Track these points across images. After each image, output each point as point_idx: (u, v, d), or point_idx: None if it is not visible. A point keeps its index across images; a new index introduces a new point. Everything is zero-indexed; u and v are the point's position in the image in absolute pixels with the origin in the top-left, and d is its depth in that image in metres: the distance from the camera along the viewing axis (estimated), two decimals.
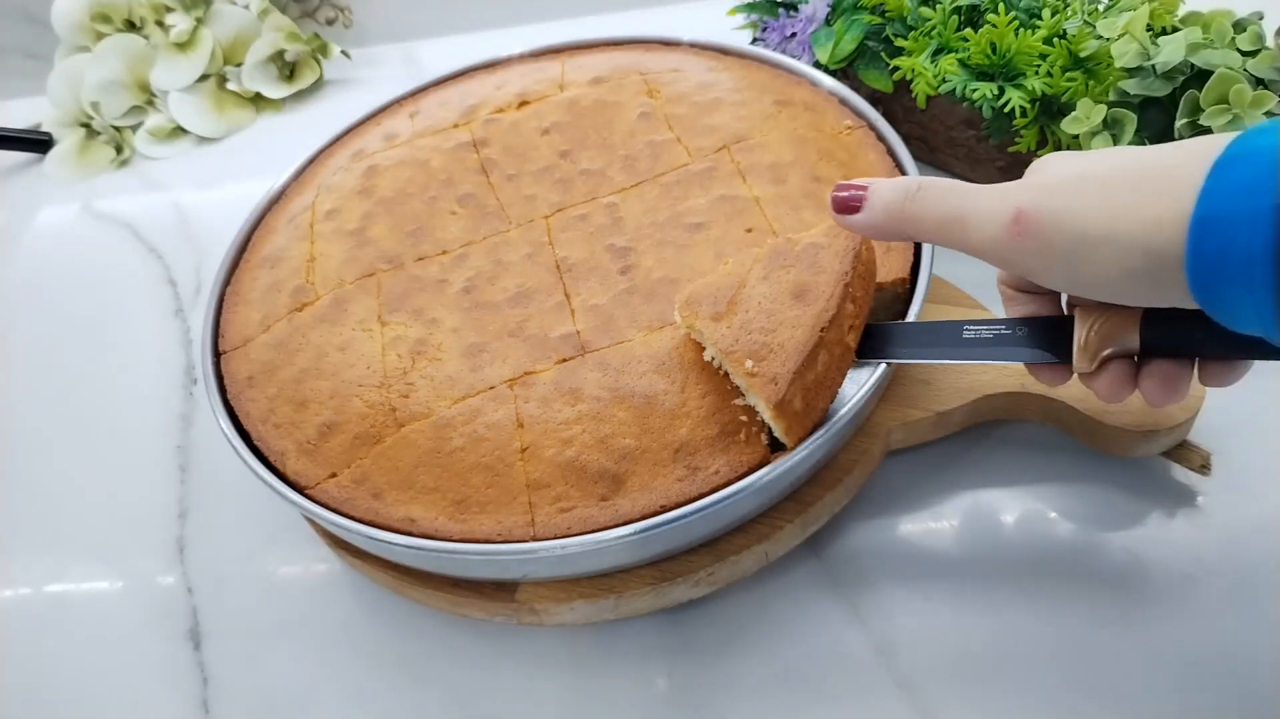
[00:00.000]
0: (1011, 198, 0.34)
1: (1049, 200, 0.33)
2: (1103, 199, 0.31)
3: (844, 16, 0.65)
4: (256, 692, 0.50)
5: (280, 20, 0.89)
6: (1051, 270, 0.33)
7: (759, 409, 0.42)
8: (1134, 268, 0.31)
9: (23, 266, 0.78)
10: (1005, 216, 0.33)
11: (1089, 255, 0.32)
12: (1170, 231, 0.29)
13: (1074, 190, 0.32)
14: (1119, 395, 0.37)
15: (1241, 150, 0.29)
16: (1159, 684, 0.43)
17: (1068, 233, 0.32)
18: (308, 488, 0.47)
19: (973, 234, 0.35)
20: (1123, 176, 0.31)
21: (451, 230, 0.55)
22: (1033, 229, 0.33)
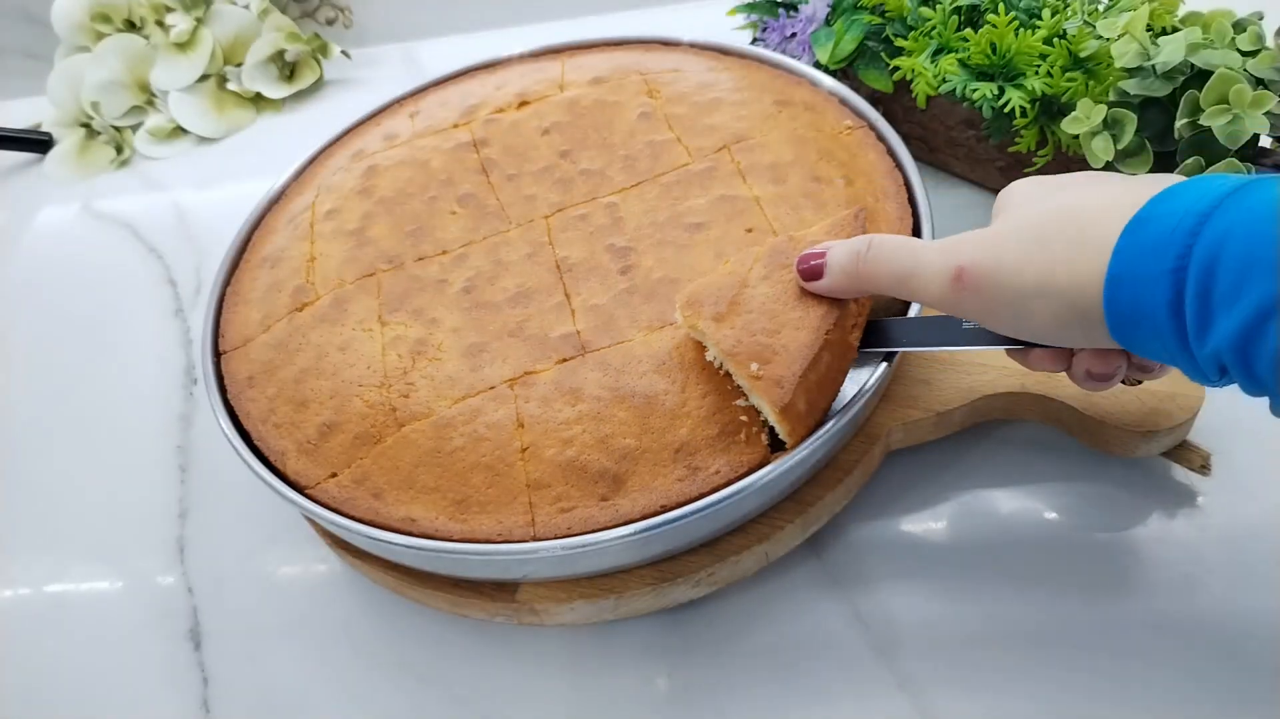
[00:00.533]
0: (953, 255, 0.36)
1: (987, 256, 0.35)
2: (1038, 255, 0.33)
3: (844, 16, 0.65)
4: (257, 692, 0.50)
5: (280, 20, 0.89)
6: (996, 320, 0.36)
7: (763, 411, 0.42)
8: (1067, 319, 0.33)
9: (23, 267, 0.78)
10: (947, 274, 0.36)
11: (1026, 307, 0.34)
12: (1094, 288, 0.32)
13: (1013, 244, 0.34)
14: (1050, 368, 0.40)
15: (1152, 212, 0.31)
16: (1159, 684, 0.43)
17: (1005, 288, 0.34)
18: (308, 488, 0.47)
19: (920, 291, 0.37)
20: (1060, 229, 0.33)
21: (452, 230, 0.55)
22: (972, 285, 0.35)
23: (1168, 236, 0.30)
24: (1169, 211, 0.30)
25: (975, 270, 0.35)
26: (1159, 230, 0.30)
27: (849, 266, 0.40)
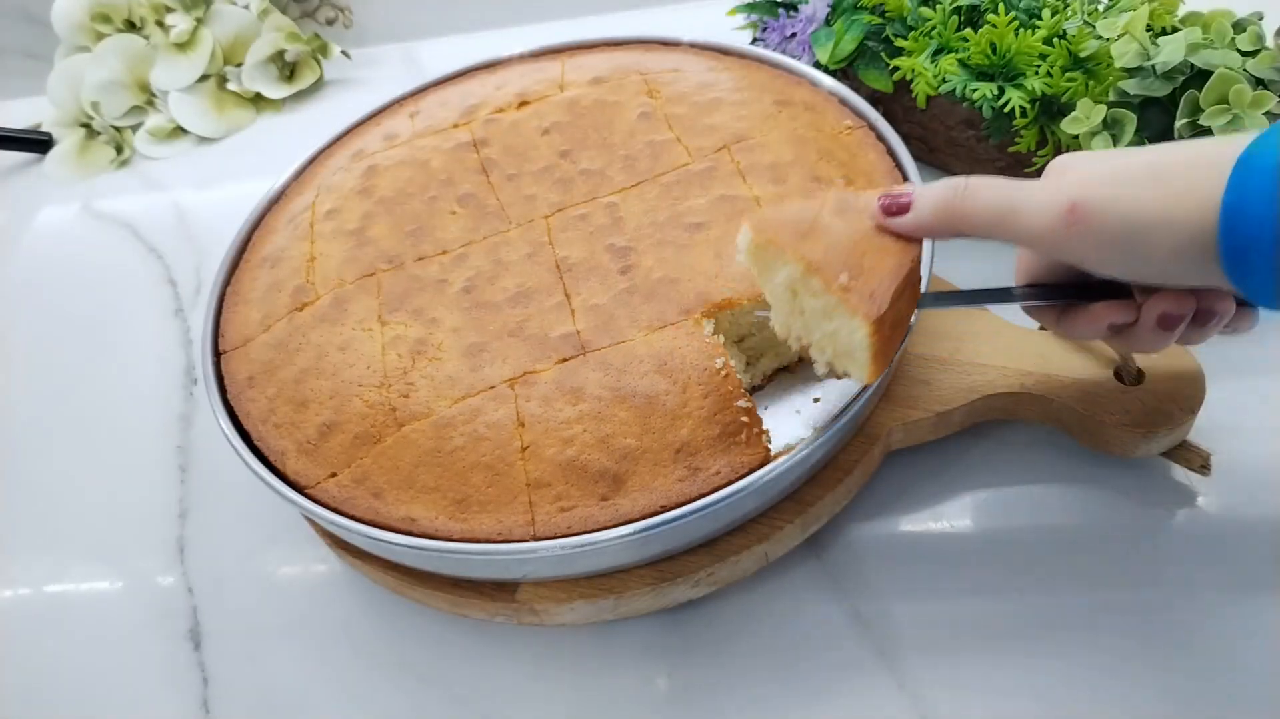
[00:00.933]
0: (1064, 190, 0.35)
1: (1100, 191, 0.34)
2: (1155, 187, 0.33)
3: (844, 17, 0.65)
4: (257, 692, 0.50)
5: (280, 20, 0.89)
6: (1106, 258, 0.35)
7: (844, 333, 0.39)
8: (1186, 252, 0.33)
9: (23, 267, 0.78)
10: (1059, 207, 0.34)
11: (1143, 240, 0.33)
12: (1213, 218, 0.32)
13: (1124, 181, 0.34)
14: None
15: (1259, 148, 0.31)
16: (1160, 684, 0.43)
17: (1123, 219, 0.33)
18: (308, 487, 0.47)
19: (1026, 226, 0.36)
20: (1171, 167, 0.33)
21: (451, 230, 0.55)
22: (1087, 218, 0.34)
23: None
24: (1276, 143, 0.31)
25: (1091, 203, 0.34)
26: (1270, 160, 0.30)
27: (942, 202, 0.38)
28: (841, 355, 0.39)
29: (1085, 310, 0.39)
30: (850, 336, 0.38)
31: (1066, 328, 0.40)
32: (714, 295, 0.48)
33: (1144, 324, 0.38)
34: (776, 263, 0.39)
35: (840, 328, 0.38)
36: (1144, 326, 0.38)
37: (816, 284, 0.38)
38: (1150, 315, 0.38)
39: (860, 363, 0.39)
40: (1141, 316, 0.38)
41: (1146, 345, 0.39)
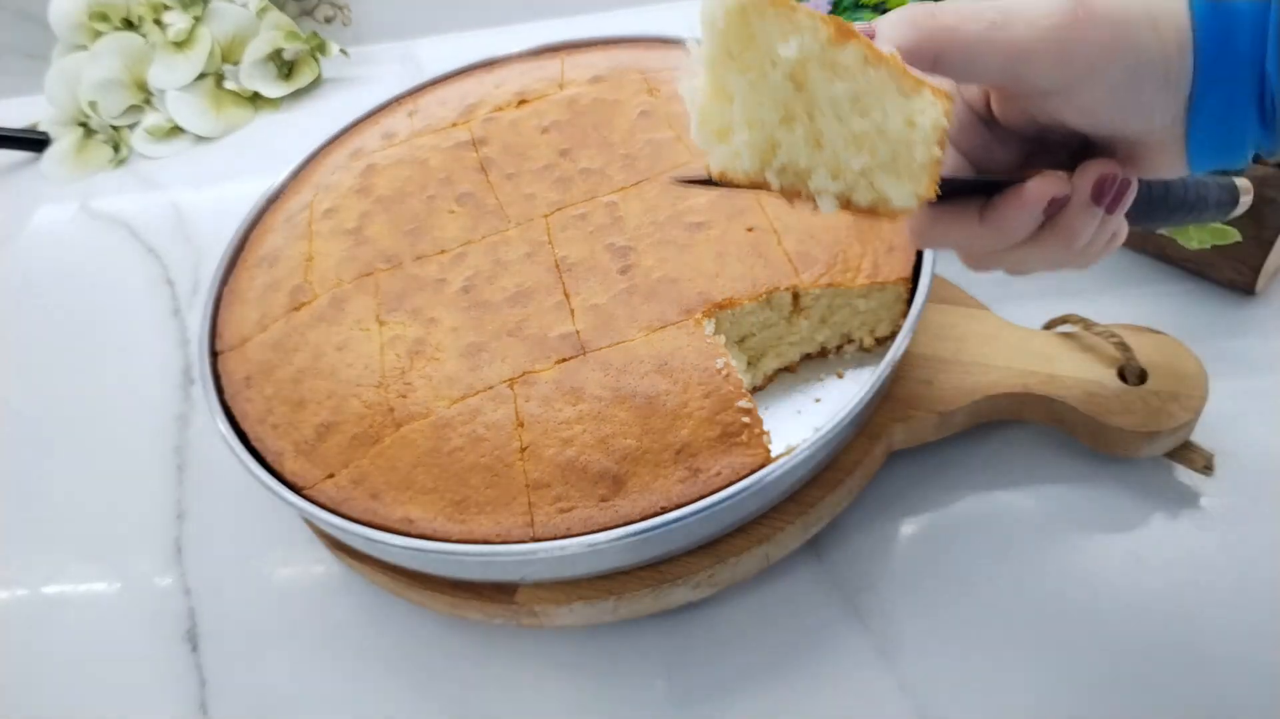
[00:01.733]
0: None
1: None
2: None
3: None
4: (254, 693, 0.49)
5: (278, 19, 0.88)
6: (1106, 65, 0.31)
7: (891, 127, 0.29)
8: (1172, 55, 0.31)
9: (20, 266, 0.78)
10: (1065, 1, 0.31)
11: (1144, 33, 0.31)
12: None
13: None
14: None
15: None
16: (1160, 684, 0.43)
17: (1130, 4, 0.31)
18: (305, 488, 0.47)
19: (1025, 25, 0.31)
20: None
21: (450, 229, 0.55)
22: (1096, 8, 0.31)
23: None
24: None
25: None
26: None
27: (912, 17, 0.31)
28: (881, 167, 0.29)
29: (1015, 192, 0.33)
30: (909, 124, 0.28)
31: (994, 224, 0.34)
32: (715, 295, 0.48)
33: (1077, 198, 0.33)
34: (775, 32, 0.27)
35: (890, 116, 0.28)
36: (1077, 203, 0.33)
37: (853, 55, 0.27)
38: (1085, 181, 0.33)
39: (919, 164, 0.29)
40: (1075, 185, 0.33)
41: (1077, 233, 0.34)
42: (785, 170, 0.29)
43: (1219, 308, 0.56)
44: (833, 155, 0.28)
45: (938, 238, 0.35)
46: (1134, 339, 0.50)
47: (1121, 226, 0.36)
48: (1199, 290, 0.57)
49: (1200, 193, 0.41)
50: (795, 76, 0.28)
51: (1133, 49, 0.31)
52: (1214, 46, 0.31)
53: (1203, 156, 0.33)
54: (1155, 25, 0.31)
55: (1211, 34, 0.31)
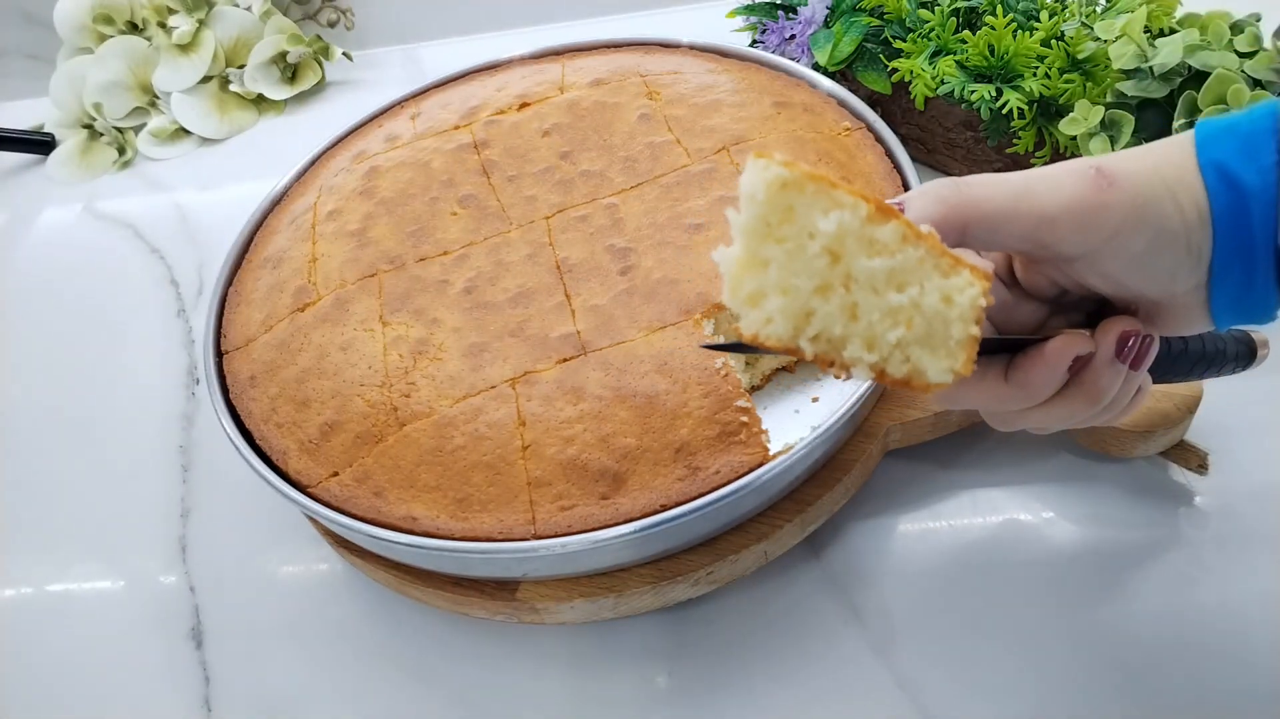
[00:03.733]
0: (1080, 160, 0.33)
1: (1119, 156, 0.32)
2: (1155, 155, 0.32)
3: (843, 19, 0.65)
4: (258, 690, 0.50)
5: (282, 22, 0.89)
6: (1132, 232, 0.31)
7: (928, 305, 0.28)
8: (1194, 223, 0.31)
9: (25, 268, 0.78)
10: (1085, 172, 0.32)
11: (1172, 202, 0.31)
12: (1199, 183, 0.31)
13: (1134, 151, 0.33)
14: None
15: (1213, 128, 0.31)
16: (1157, 683, 0.43)
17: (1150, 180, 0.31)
18: (309, 487, 0.47)
19: (1047, 197, 0.31)
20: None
21: (452, 231, 0.55)
22: (1117, 179, 0.31)
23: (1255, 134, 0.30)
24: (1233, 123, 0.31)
25: (1117, 165, 0.32)
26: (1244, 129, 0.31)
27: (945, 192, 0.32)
28: (917, 341, 0.28)
29: (1039, 351, 0.33)
30: (946, 301, 0.28)
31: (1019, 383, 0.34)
32: (714, 296, 0.48)
33: (1101, 355, 0.34)
34: (814, 209, 0.27)
35: (927, 292, 0.28)
36: (1102, 359, 0.34)
37: (892, 233, 0.27)
38: (1108, 339, 0.33)
39: (955, 342, 0.28)
40: (1098, 342, 0.34)
41: (1102, 390, 0.34)
42: (819, 338, 0.29)
43: None
44: (868, 327, 0.28)
45: (963, 398, 0.35)
46: None
47: (1146, 381, 0.36)
48: None
49: (1218, 347, 0.41)
50: (832, 249, 0.28)
51: (1154, 220, 0.31)
52: (1229, 220, 0.31)
53: (1226, 318, 0.33)
54: (1175, 197, 0.31)
55: (1226, 208, 0.31)
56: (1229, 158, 0.31)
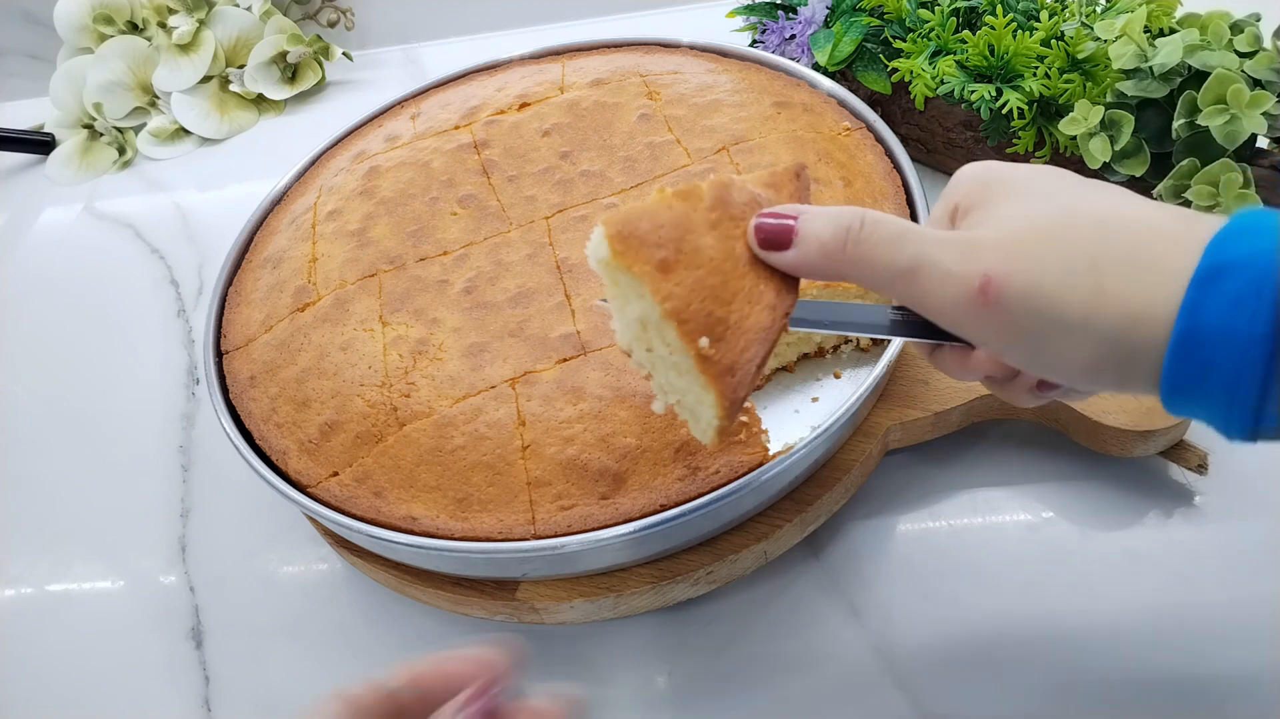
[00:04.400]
0: (979, 257, 0.30)
1: (1024, 271, 0.29)
2: (1085, 279, 0.28)
3: (843, 19, 0.65)
4: (258, 690, 0.50)
5: (282, 22, 0.89)
6: (1012, 348, 0.30)
7: (693, 398, 0.34)
8: (1104, 362, 0.29)
9: (25, 268, 0.78)
10: (972, 282, 0.29)
11: (1059, 339, 0.29)
12: (1148, 330, 0.28)
13: (1054, 260, 0.29)
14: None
15: (1226, 258, 0.27)
16: (1157, 682, 0.43)
17: (1041, 315, 0.29)
18: (309, 487, 0.47)
19: (929, 293, 0.30)
20: (1108, 249, 0.28)
21: (452, 231, 0.55)
22: (1002, 302, 0.29)
23: (1258, 290, 0.26)
24: (1249, 258, 0.26)
25: (1008, 286, 0.29)
26: (1244, 282, 0.26)
27: (831, 244, 0.31)
28: (684, 410, 0.35)
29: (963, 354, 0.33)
30: (698, 403, 0.34)
31: (938, 362, 0.35)
32: None
33: (1022, 382, 0.34)
34: (631, 290, 0.33)
35: (689, 389, 0.33)
36: (1022, 385, 0.34)
37: (673, 336, 0.32)
38: (1027, 380, 0.33)
39: (703, 430, 0.35)
40: (1022, 376, 0.33)
41: (1020, 400, 0.35)
42: (641, 365, 0.36)
43: None
44: (661, 378, 0.35)
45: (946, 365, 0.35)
46: None
47: None
48: None
49: None
50: (643, 322, 0.34)
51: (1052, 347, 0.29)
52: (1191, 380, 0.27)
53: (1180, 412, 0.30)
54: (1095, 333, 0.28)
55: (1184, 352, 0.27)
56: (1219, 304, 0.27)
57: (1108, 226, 0.29)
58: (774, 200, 0.35)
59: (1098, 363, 0.29)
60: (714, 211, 0.33)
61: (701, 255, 0.32)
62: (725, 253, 0.33)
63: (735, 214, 0.33)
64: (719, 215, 0.33)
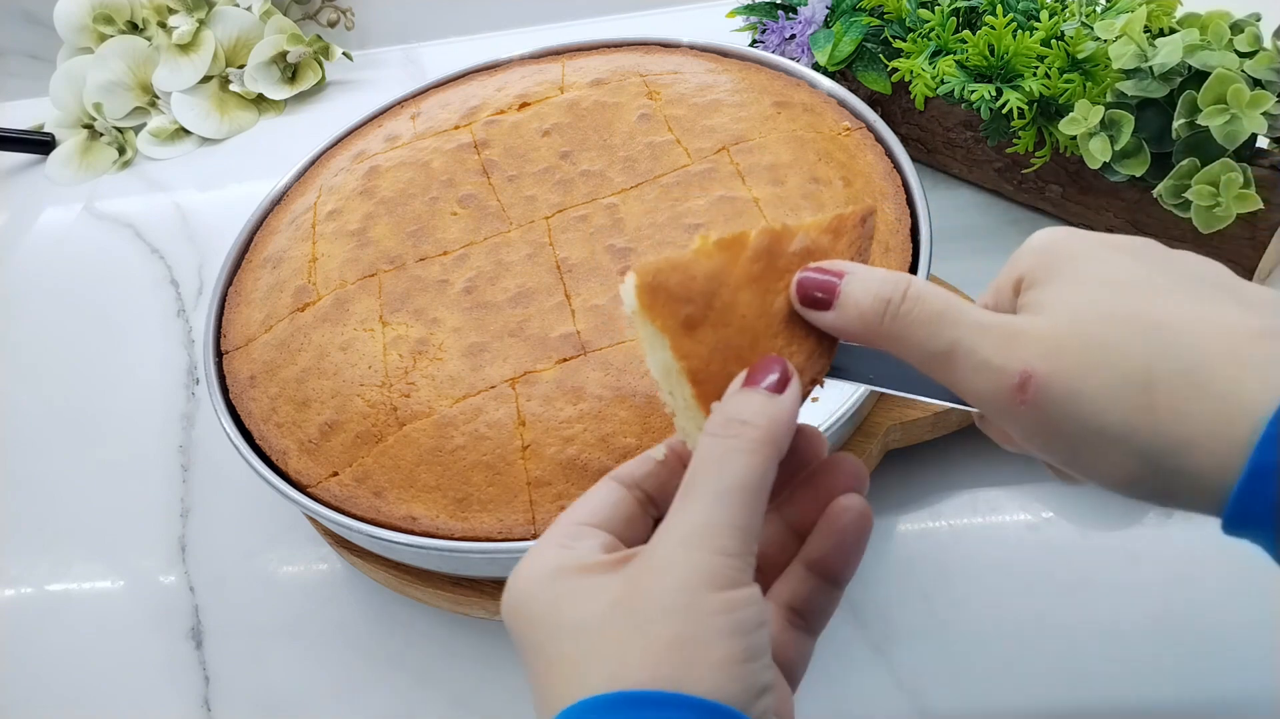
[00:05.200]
0: (1020, 349, 0.28)
1: (1066, 373, 0.27)
2: (1134, 395, 0.26)
3: (843, 18, 0.65)
4: (257, 690, 0.50)
5: (282, 22, 0.89)
6: (1048, 447, 0.28)
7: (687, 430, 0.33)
8: (1143, 476, 0.27)
9: (25, 268, 0.78)
10: (1010, 377, 0.28)
11: (1098, 449, 0.27)
12: (1205, 456, 0.25)
13: (1100, 367, 0.27)
14: None
15: None
16: (1156, 682, 0.43)
17: (1082, 420, 0.27)
18: (309, 487, 0.47)
19: (965, 381, 0.29)
20: (1166, 364, 0.26)
21: (452, 231, 0.55)
22: (1041, 403, 0.27)
23: None
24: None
25: (1048, 387, 0.27)
26: None
27: (871, 314, 0.30)
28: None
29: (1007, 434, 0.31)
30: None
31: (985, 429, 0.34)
32: None
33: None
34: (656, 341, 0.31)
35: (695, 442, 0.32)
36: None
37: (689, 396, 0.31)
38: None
39: None
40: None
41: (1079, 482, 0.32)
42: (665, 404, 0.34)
43: None
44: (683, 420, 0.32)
45: None
46: None
47: None
48: None
49: None
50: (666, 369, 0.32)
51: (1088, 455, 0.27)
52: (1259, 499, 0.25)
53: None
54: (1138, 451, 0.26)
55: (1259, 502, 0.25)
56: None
57: (1168, 334, 0.27)
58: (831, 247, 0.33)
59: (1138, 477, 0.27)
60: (757, 263, 0.32)
61: (732, 313, 0.31)
62: (760, 309, 0.31)
63: (781, 266, 0.32)
64: (762, 268, 0.32)
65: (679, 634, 0.25)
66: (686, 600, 0.25)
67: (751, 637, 0.25)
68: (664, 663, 0.25)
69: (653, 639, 0.25)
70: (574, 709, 0.25)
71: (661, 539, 0.27)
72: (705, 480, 0.27)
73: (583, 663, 0.25)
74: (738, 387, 0.29)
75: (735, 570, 0.26)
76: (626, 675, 0.25)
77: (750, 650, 0.25)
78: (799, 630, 0.32)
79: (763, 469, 0.27)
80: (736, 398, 0.29)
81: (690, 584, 0.25)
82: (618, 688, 0.24)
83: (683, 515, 0.27)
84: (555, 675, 0.26)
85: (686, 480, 0.28)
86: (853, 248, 0.34)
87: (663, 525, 0.27)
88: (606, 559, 0.28)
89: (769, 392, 0.29)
